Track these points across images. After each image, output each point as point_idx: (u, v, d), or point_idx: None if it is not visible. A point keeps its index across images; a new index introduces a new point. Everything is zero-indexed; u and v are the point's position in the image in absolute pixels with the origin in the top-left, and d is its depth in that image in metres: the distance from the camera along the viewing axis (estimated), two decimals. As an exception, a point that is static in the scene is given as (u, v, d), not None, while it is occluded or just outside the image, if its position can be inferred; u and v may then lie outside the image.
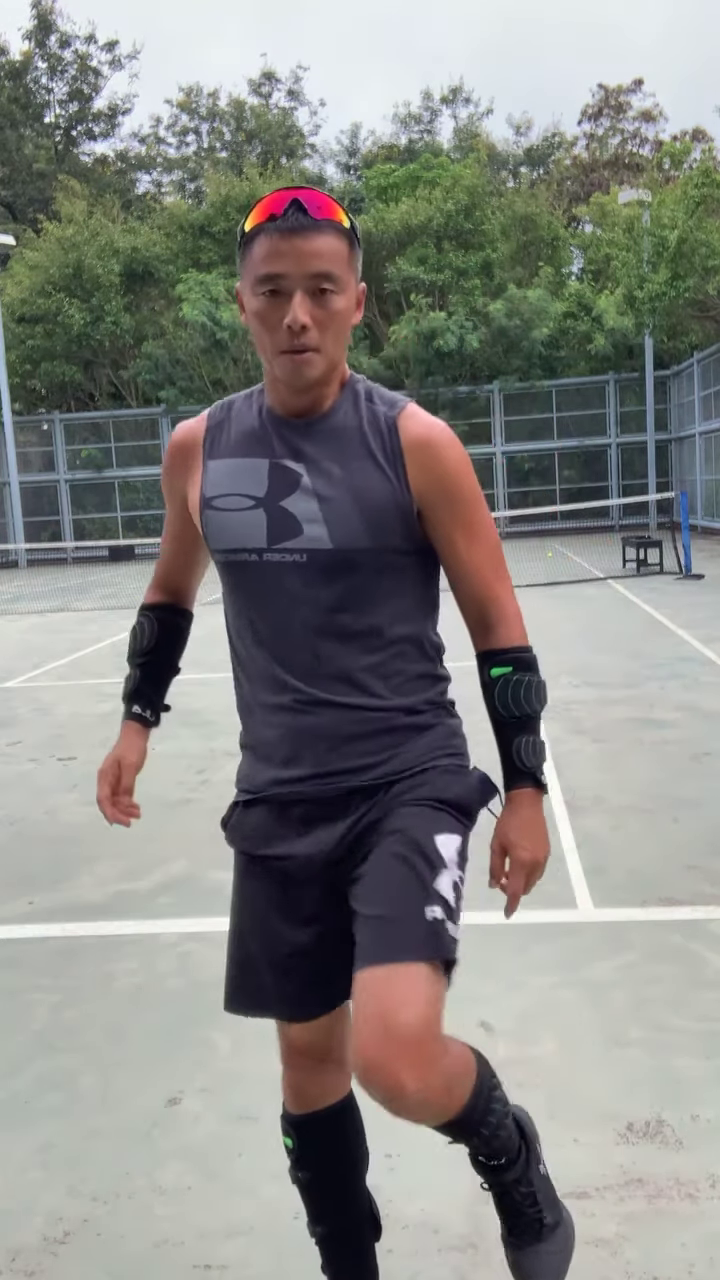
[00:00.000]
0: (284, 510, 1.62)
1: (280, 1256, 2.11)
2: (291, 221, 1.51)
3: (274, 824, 1.71)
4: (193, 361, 29.90)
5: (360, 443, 1.63)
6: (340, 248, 1.55)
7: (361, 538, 1.60)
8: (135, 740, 1.92)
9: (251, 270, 1.56)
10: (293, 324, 1.53)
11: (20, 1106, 2.70)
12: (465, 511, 1.65)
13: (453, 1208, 2.22)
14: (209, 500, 1.69)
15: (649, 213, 22.11)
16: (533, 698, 1.68)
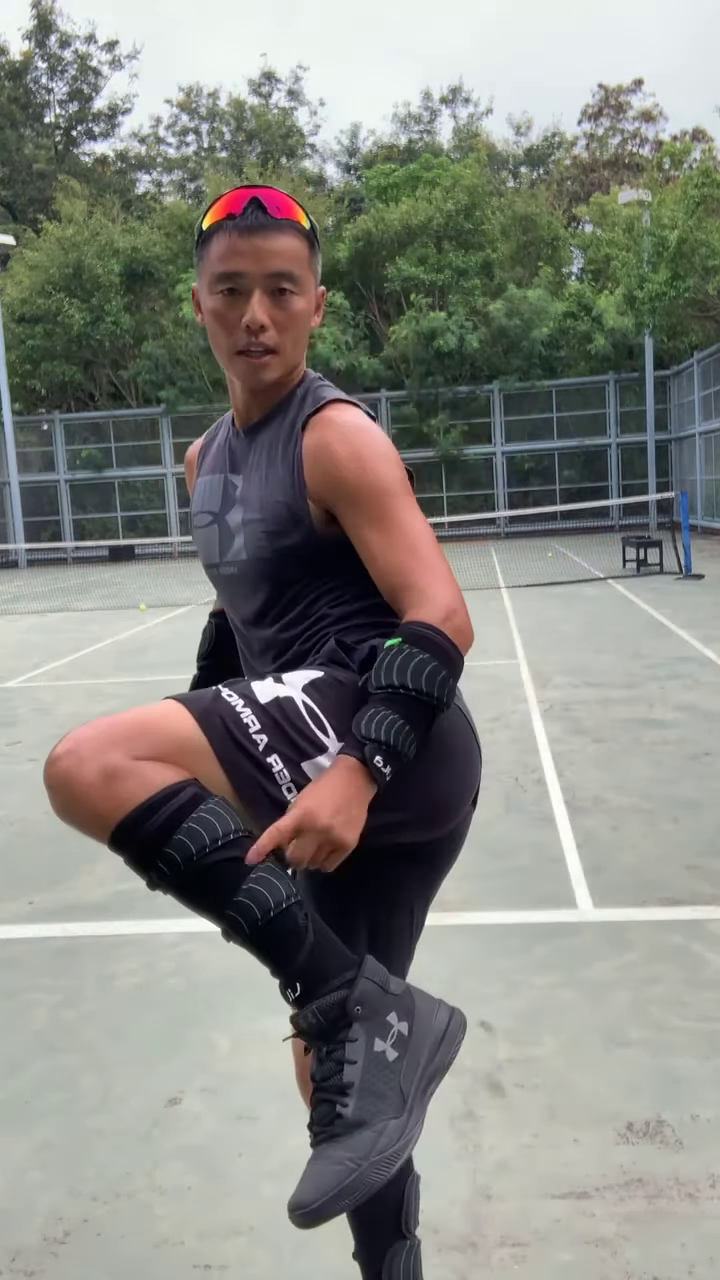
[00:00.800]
0: (226, 524, 1.64)
1: (280, 1256, 2.11)
2: (250, 220, 1.48)
3: None
4: (193, 361, 29.90)
5: (278, 450, 1.58)
6: (300, 248, 1.52)
7: (265, 548, 1.56)
8: None
9: (209, 268, 1.52)
10: (250, 323, 1.50)
11: (20, 1106, 2.70)
12: (367, 503, 1.50)
13: (453, 1208, 2.22)
14: (191, 517, 1.73)
15: (649, 213, 22.11)
16: (408, 672, 1.38)
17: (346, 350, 28.42)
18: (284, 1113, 2.58)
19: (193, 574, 21.76)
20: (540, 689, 7.58)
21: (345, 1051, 1.34)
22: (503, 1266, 2.05)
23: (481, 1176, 2.30)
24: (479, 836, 1.76)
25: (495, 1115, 2.54)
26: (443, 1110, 2.55)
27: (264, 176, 31.68)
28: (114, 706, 7.92)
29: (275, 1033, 2.96)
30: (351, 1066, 1.33)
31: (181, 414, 30.64)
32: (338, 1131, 1.29)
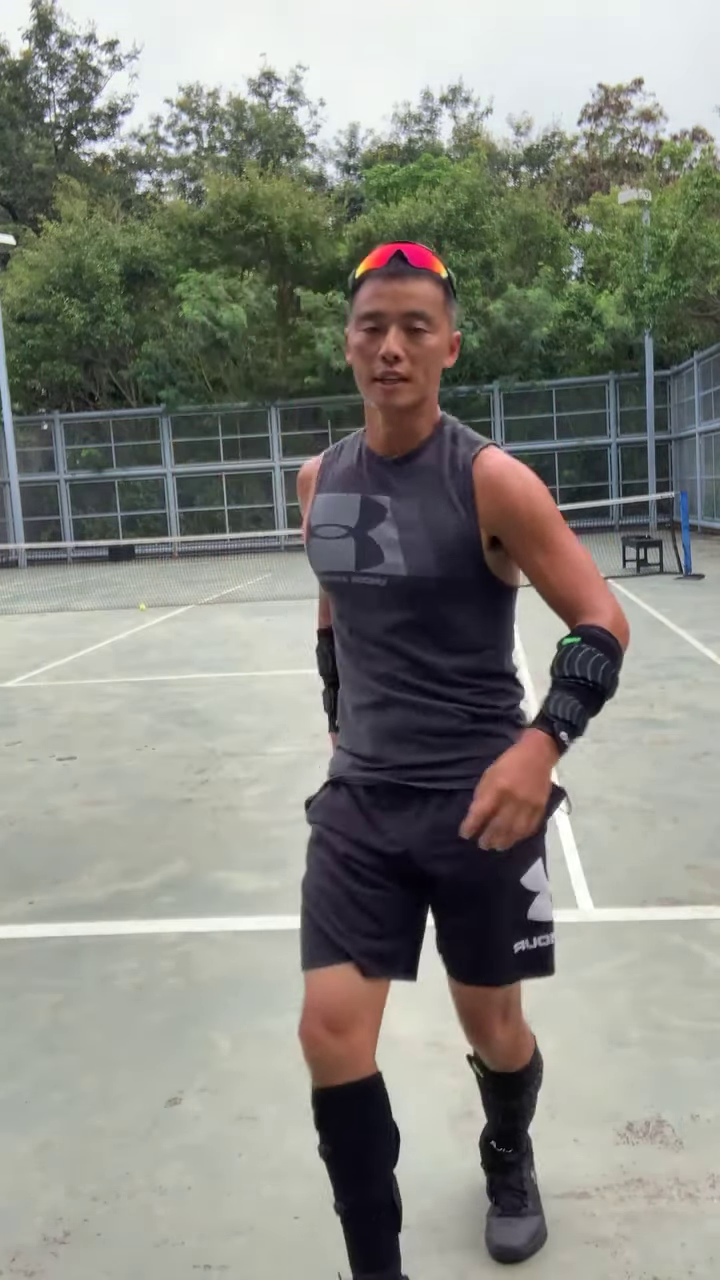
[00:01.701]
0: (369, 539, 1.82)
1: (280, 1256, 2.11)
2: (392, 268, 1.72)
3: (350, 806, 1.90)
4: (193, 361, 29.89)
5: (439, 483, 1.79)
6: (435, 294, 1.74)
7: (433, 567, 1.77)
8: None
9: (356, 310, 1.77)
10: (386, 354, 1.71)
11: (20, 1106, 2.70)
12: (540, 534, 1.77)
13: (453, 1208, 2.22)
14: (314, 529, 1.90)
15: (649, 213, 22.11)
16: (585, 664, 1.70)
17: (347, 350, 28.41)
18: (284, 1113, 2.58)
19: (192, 574, 21.77)
20: (540, 689, 7.54)
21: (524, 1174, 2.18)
22: (503, 1267, 2.05)
23: (482, 1176, 2.30)
24: (478, 836, 1.76)
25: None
26: (442, 1110, 2.55)
27: (264, 176, 31.65)
28: (114, 707, 7.92)
29: (275, 1033, 2.96)
30: (529, 1183, 2.18)
31: (181, 414, 30.64)
32: (525, 1214, 2.13)
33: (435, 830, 1.82)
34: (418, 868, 1.84)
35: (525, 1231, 2.08)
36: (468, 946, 1.89)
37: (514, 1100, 2.11)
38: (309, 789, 2.39)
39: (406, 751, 1.84)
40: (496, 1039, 1.97)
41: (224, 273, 29.48)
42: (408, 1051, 2.82)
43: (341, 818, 1.89)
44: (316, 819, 1.95)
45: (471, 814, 1.63)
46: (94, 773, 6.03)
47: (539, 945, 1.89)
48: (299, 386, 29.23)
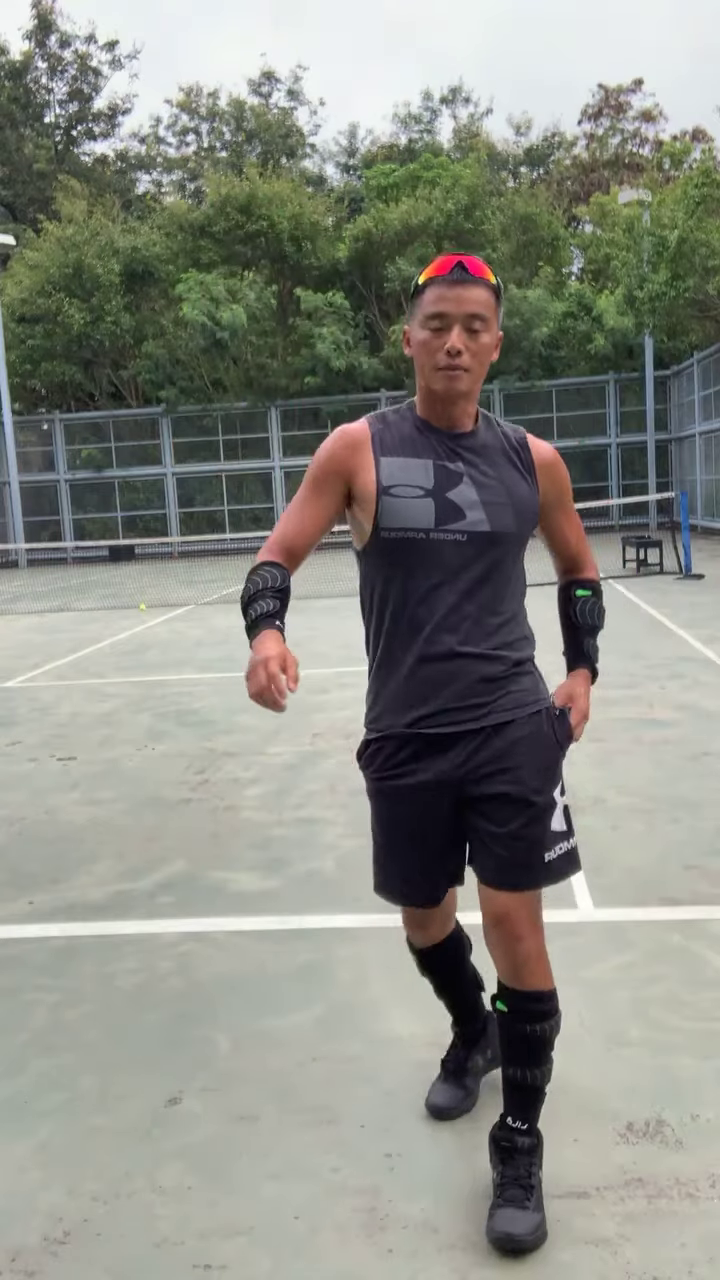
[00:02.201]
0: (449, 500, 2.13)
1: (280, 1256, 2.11)
2: (455, 276, 2.07)
3: (402, 754, 2.21)
4: (193, 361, 29.89)
5: (504, 455, 2.21)
6: (488, 298, 2.10)
7: (511, 524, 2.17)
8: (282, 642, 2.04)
9: (422, 310, 2.10)
10: (451, 348, 2.07)
11: (20, 1106, 2.70)
12: (569, 505, 2.38)
13: (453, 1208, 2.22)
14: (386, 488, 2.13)
15: (649, 213, 22.09)
16: (600, 616, 2.43)
17: (347, 350, 28.39)
18: (284, 1113, 2.58)
19: (193, 574, 21.77)
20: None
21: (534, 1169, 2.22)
22: (503, 1266, 2.05)
23: (482, 1176, 2.30)
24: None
25: (495, 1115, 2.54)
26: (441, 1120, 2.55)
27: (264, 177, 31.65)
28: (114, 707, 7.92)
29: (275, 1033, 2.96)
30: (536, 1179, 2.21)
31: (181, 414, 30.64)
32: (528, 1208, 2.14)
33: (493, 757, 2.16)
34: (474, 790, 2.17)
35: (531, 1222, 2.09)
36: (507, 853, 2.15)
37: (537, 1027, 2.17)
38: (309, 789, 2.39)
39: (464, 696, 2.15)
40: (527, 944, 2.15)
41: (224, 273, 29.46)
42: (408, 1051, 2.83)
43: (403, 760, 2.21)
44: (375, 769, 2.26)
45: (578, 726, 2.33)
46: (94, 773, 6.03)
47: (564, 850, 2.20)
48: (299, 386, 29.24)
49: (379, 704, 2.24)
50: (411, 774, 2.20)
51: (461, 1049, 2.61)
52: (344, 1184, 2.31)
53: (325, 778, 5.52)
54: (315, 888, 4.07)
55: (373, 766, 2.27)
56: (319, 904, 3.90)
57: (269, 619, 2.07)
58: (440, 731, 2.16)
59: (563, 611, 2.43)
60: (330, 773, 5.61)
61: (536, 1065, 2.19)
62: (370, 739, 2.27)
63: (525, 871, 2.15)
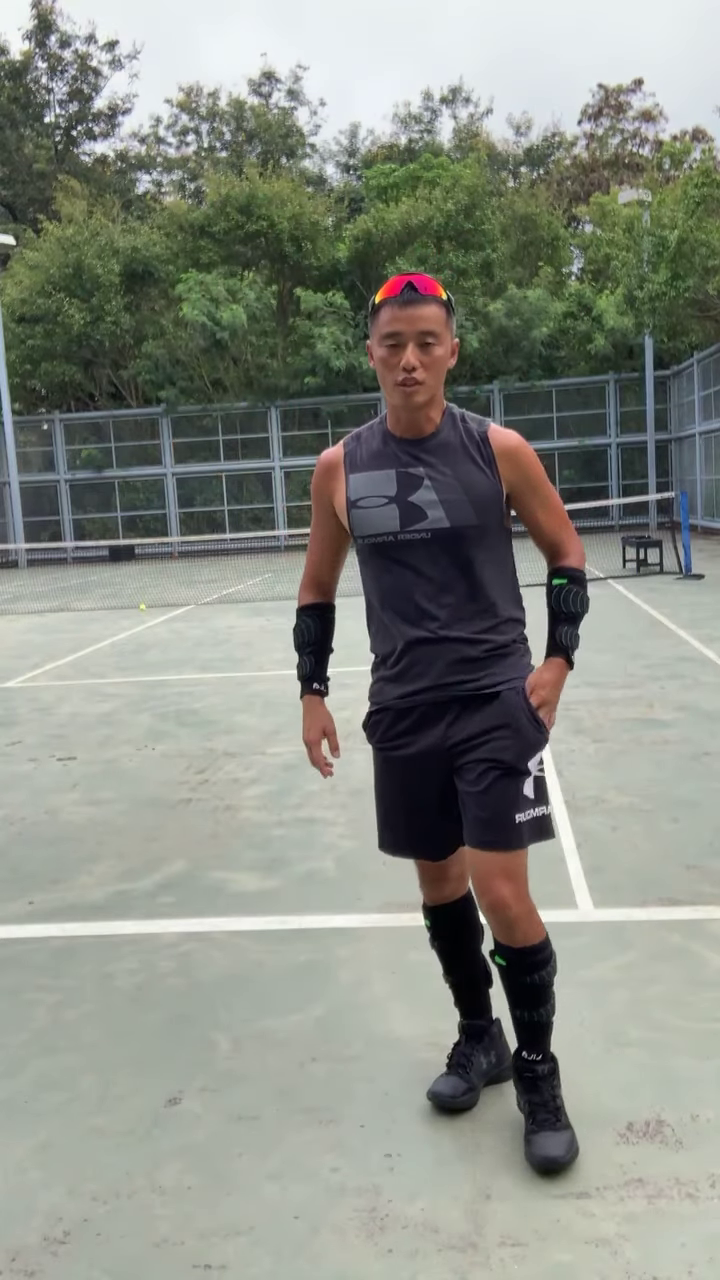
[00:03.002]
0: (411, 504, 2.31)
1: (280, 1256, 2.11)
2: (405, 296, 2.22)
3: (398, 725, 2.43)
4: (193, 361, 29.89)
5: (462, 451, 2.33)
6: (439, 314, 2.25)
7: (471, 517, 2.30)
8: (324, 710, 2.59)
9: (378, 330, 2.26)
10: (405, 365, 2.23)
11: (20, 1106, 2.70)
12: (541, 490, 2.41)
13: (453, 1208, 2.22)
14: (354, 502, 2.37)
15: (649, 213, 22.10)
16: (578, 603, 2.43)
17: (346, 350, 28.38)
18: (284, 1113, 2.58)
19: (192, 574, 21.77)
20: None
21: (557, 1091, 2.45)
22: (503, 1266, 2.05)
23: (481, 1176, 2.30)
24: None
25: (495, 1115, 2.54)
26: (443, 1110, 2.55)
27: (264, 177, 31.65)
28: (114, 707, 7.92)
29: (275, 1033, 2.96)
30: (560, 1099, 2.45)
31: (181, 414, 30.63)
32: (560, 1128, 2.38)
33: (473, 728, 2.35)
34: (459, 760, 2.37)
35: (563, 1141, 2.32)
36: (481, 812, 2.33)
37: (535, 976, 2.37)
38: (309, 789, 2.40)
39: (449, 674, 2.35)
40: (507, 901, 2.31)
41: (224, 273, 29.46)
42: (408, 1051, 2.83)
43: (395, 734, 2.44)
44: (374, 739, 2.49)
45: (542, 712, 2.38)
46: (94, 773, 6.03)
47: (534, 816, 2.35)
48: (299, 386, 29.24)
49: (378, 681, 2.48)
50: (407, 745, 2.43)
51: (465, 1045, 2.66)
52: (344, 1184, 2.31)
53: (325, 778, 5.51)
54: (315, 888, 4.07)
55: (375, 736, 2.50)
56: (319, 904, 3.90)
57: (308, 683, 2.58)
58: (427, 702, 2.38)
59: (548, 598, 2.48)
60: (330, 773, 5.60)
61: (540, 1004, 2.40)
62: (373, 710, 2.50)
63: (498, 831, 2.32)
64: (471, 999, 2.68)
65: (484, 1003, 2.69)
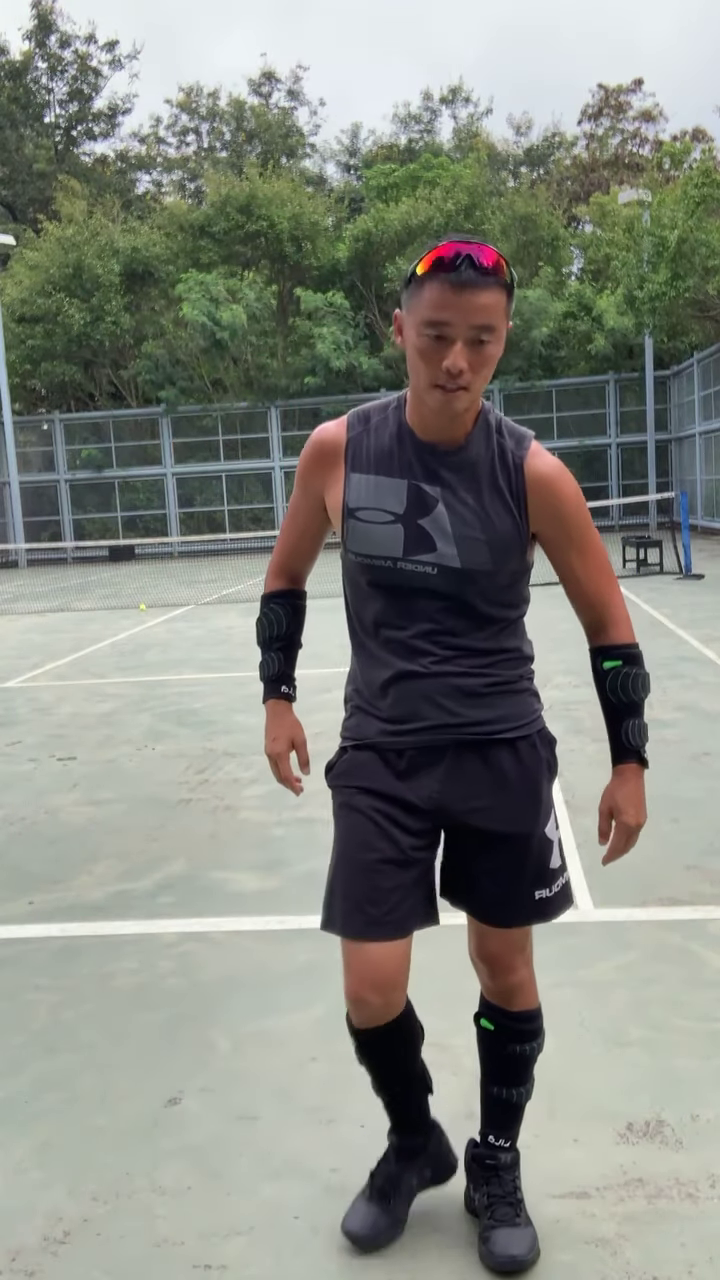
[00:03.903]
0: (420, 528, 1.87)
1: (280, 1256, 2.11)
2: (464, 275, 1.68)
3: (379, 767, 1.98)
4: (193, 361, 29.88)
5: (490, 476, 1.87)
6: (501, 300, 1.74)
7: (486, 562, 1.87)
8: (292, 718, 2.17)
9: (419, 312, 1.73)
10: (451, 368, 1.73)
11: (20, 1106, 2.70)
12: (579, 536, 1.93)
13: (453, 1208, 2.22)
14: (352, 510, 1.91)
15: (649, 213, 22.09)
16: (640, 687, 1.97)
17: (347, 350, 28.39)
18: (284, 1113, 2.58)
19: (192, 574, 21.77)
20: (540, 689, 7.57)
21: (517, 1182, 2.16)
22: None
23: (481, 1176, 2.30)
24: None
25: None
26: (443, 1110, 2.55)
27: (264, 176, 31.65)
28: (114, 707, 7.92)
29: (275, 1033, 2.96)
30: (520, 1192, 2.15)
31: (182, 414, 30.63)
32: (521, 1224, 2.08)
33: (471, 783, 1.95)
34: (452, 820, 1.97)
35: (526, 1238, 2.05)
36: (497, 890, 1.98)
37: (524, 1046, 2.10)
38: (309, 789, 2.39)
39: (439, 713, 1.93)
40: (519, 975, 2.05)
41: (224, 273, 29.46)
42: (408, 1051, 2.82)
43: (372, 778, 1.98)
44: (343, 783, 2.03)
45: (612, 851, 2.00)
46: (94, 773, 6.03)
47: (557, 890, 2.02)
48: (299, 386, 29.24)
49: (355, 712, 2.05)
50: (383, 789, 1.96)
51: (395, 1164, 2.16)
52: (344, 1184, 2.31)
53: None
54: (315, 888, 4.06)
55: (343, 777, 2.03)
56: (319, 904, 3.89)
57: (274, 685, 2.16)
58: (418, 745, 1.95)
59: (597, 687, 2.02)
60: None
61: (520, 1084, 2.12)
62: (346, 746, 2.05)
63: (516, 909, 1.99)
64: (408, 1113, 2.17)
65: (424, 1115, 2.20)
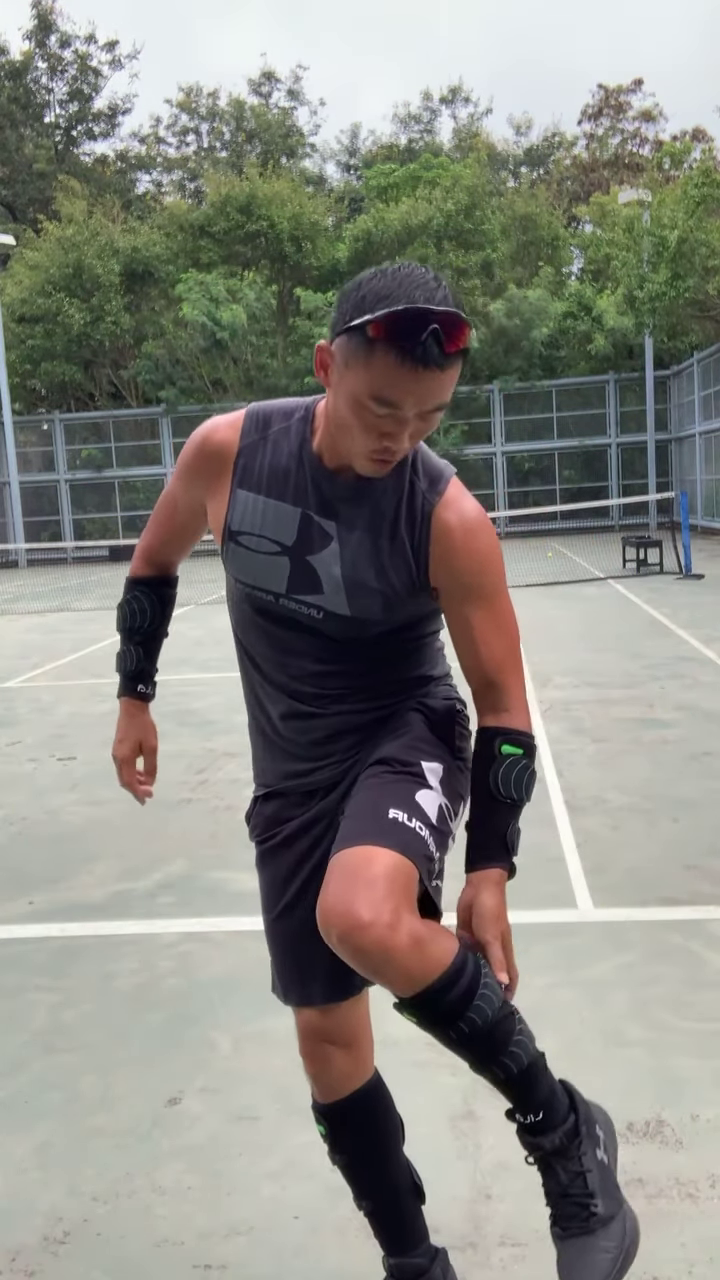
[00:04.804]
0: (308, 565, 1.65)
1: (280, 1256, 2.11)
2: (428, 356, 1.42)
3: (285, 809, 1.81)
4: (193, 361, 29.89)
5: (393, 521, 1.63)
6: (457, 373, 1.50)
7: (377, 613, 1.65)
8: (145, 719, 1.98)
9: (366, 381, 1.46)
10: (394, 448, 1.52)
11: (20, 1106, 2.70)
12: (485, 603, 1.65)
13: (453, 1208, 2.22)
14: (234, 534, 1.68)
15: (649, 213, 22.10)
16: (531, 786, 1.67)
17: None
18: (284, 1113, 2.58)
19: (192, 574, 21.71)
20: (540, 689, 7.58)
21: (583, 1164, 1.64)
22: (503, 1266, 2.05)
23: (481, 1176, 2.30)
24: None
25: (495, 1115, 2.53)
26: (443, 1110, 2.55)
27: (264, 176, 31.64)
28: (114, 707, 7.89)
29: (275, 1033, 2.96)
30: (590, 1175, 1.64)
31: (182, 414, 30.63)
32: (594, 1228, 1.61)
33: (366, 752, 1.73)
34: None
35: (601, 1259, 1.58)
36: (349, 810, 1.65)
37: (461, 1023, 1.54)
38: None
39: (343, 747, 1.74)
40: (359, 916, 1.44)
41: (224, 273, 29.47)
42: (408, 1052, 2.82)
43: (282, 820, 1.81)
44: (257, 836, 1.86)
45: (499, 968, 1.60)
46: (94, 773, 6.03)
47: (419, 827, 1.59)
48: (299, 386, 29.21)
49: (255, 760, 1.88)
50: (290, 822, 1.79)
51: None
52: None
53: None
54: (315, 888, 4.07)
55: (257, 831, 1.86)
56: (319, 904, 3.90)
57: (130, 681, 1.95)
58: (314, 785, 1.77)
59: (481, 773, 1.66)
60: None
61: (493, 1060, 1.59)
62: (256, 796, 1.88)
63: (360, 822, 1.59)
64: (398, 1227, 1.85)
65: (418, 1229, 1.87)
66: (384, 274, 1.48)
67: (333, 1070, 1.80)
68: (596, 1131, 1.70)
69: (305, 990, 1.80)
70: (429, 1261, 1.87)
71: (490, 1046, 1.58)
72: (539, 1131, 1.64)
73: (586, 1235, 1.60)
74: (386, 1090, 1.89)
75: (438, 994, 1.51)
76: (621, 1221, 1.63)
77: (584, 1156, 1.64)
